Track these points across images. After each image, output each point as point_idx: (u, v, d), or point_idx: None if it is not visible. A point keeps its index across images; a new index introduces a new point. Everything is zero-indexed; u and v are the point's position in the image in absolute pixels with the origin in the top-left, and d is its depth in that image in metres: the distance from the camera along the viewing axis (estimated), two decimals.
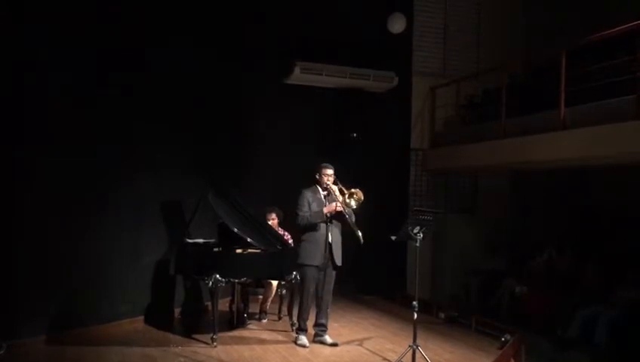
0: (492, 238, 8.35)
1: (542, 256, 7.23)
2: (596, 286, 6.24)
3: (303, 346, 5.47)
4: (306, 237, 5.48)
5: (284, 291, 6.55)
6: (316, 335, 5.64)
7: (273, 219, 6.56)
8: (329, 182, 5.50)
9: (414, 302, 4.92)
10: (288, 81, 7.93)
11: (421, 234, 4.90)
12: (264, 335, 5.96)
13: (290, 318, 6.17)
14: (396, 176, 8.45)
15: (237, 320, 6.29)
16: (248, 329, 6.21)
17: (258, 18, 7.37)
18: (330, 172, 5.53)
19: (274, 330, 6.19)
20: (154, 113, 6.22)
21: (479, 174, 8.64)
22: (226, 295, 6.43)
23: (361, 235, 5.29)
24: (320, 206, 5.47)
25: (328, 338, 5.60)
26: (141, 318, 6.25)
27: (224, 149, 7.05)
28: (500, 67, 7.42)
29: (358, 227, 5.37)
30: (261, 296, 6.57)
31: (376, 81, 8.22)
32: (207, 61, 6.70)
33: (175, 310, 6.64)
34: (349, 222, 5.40)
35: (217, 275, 5.44)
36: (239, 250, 5.76)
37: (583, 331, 5.72)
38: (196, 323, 6.31)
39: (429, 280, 8.27)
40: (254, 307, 6.65)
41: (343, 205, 5.36)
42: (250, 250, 5.76)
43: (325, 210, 5.42)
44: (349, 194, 5.35)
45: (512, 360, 4.76)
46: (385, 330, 6.33)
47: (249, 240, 5.66)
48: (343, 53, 8.00)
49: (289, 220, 6.35)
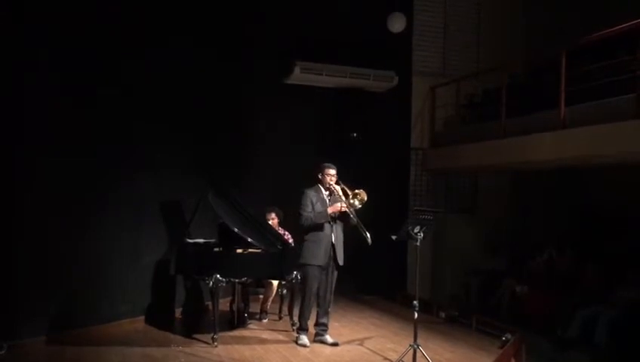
0: (492, 238, 8.35)
1: (542, 256, 7.24)
2: (596, 286, 6.24)
3: (304, 346, 5.47)
4: (309, 237, 5.46)
5: (285, 291, 6.55)
6: (317, 334, 5.64)
7: (273, 219, 6.56)
8: (332, 182, 5.48)
9: (415, 302, 4.92)
10: (288, 81, 7.92)
11: (421, 234, 4.90)
12: (265, 335, 5.96)
13: (291, 318, 6.16)
14: (396, 175, 8.45)
15: (237, 319, 6.29)
16: (249, 328, 6.21)
17: (258, 18, 7.37)
18: (333, 172, 5.52)
19: (274, 330, 6.19)
20: (154, 113, 6.21)
21: (479, 174, 8.64)
22: (226, 295, 6.43)
23: (369, 236, 5.21)
24: (323, 206, 5.45)
25: (329, 338, 5.60)
26: (141, 318, 6.25)
27: (224, 149, 7.04)
28: (500, 67, 7.43)
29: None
30: (262, 296, 6.59)
31: (376, 80, 8.21)
32: (207, 61, 6.70)
33: (176, 310, 6.63)
34: (354, 223, 5.36)
35: (218, 275, 5.44)
36: (239, 250, 5.76)
37: (583, 331, 5.72)
38: (197, 323, 6.31)
39: (430, 280, 8.27)
40: (255, 307, 6.66)
41: (347, 205, 5.36)
42: (250, 250, 5.75)
43: (330, 210, 5.40)
44: (352, 195, 5.33)
45: (512, 359, 4.77)
46: (385, 330, 6.33)
47: (249, 240, 5.66)
48: (343, 52, 7.99)
49: (289, 220, 6.36)
